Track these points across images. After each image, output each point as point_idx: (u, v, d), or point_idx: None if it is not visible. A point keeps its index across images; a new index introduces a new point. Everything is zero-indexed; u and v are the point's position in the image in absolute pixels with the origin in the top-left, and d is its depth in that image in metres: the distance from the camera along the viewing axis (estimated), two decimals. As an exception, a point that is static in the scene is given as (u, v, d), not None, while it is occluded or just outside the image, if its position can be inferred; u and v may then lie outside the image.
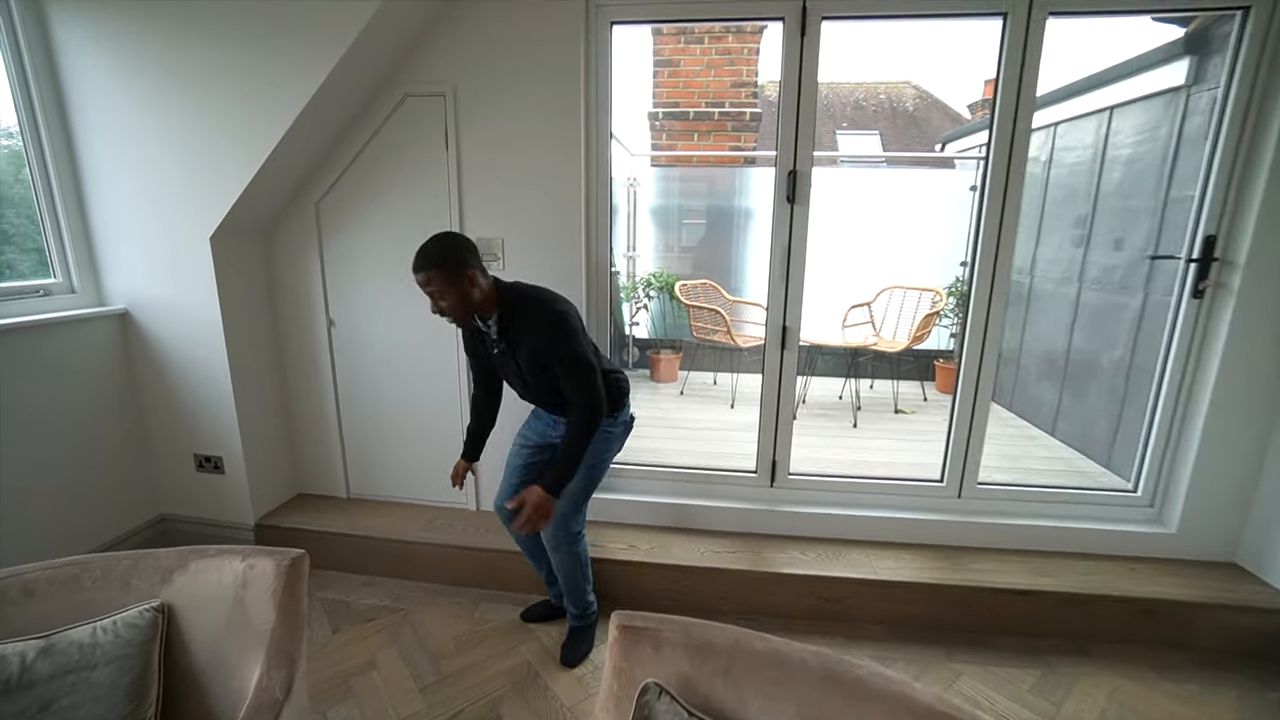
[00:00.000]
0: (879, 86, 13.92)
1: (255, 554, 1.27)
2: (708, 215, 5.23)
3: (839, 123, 12.78)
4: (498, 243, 2.26)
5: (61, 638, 1.12)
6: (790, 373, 2.33)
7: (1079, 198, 3.44)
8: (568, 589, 1.95)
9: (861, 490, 2.42)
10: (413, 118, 2.20)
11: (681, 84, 5.28)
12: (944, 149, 5.80)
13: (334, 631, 2.05)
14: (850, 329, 4.49)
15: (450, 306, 1.58)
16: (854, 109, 13.21)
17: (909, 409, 4.24)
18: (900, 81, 14.22)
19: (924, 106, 13.88)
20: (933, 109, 13.84)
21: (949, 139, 5.77)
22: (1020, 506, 2.36)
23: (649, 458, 3.23)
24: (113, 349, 2.22)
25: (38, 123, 2.03)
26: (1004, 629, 2.09)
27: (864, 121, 13.45)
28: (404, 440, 2.48)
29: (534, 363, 1.66)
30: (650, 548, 2.28)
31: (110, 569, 1.24)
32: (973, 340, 2.26)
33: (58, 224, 2.11)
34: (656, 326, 5.26)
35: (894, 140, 12.88)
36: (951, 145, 5.66)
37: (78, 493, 2.13)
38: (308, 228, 2.34)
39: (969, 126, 5.31)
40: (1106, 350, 3.18)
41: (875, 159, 8.57)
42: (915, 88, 14.22)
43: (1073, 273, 3.50)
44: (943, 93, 14.41)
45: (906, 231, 4.89)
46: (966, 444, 2.34)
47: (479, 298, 1.61)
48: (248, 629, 1.21)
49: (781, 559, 2.23)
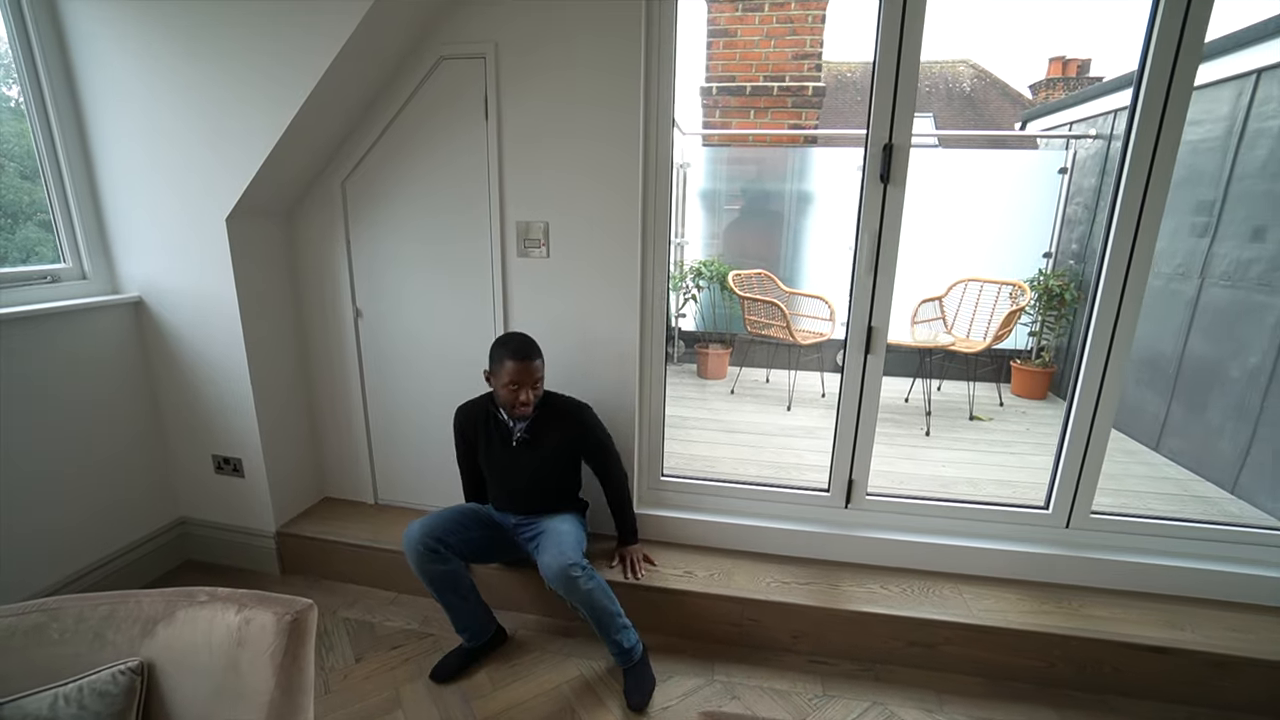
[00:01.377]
0: (934, 65, 13.18)
1: (252, 604, 1.05)
2: (763, 199, 4.86)
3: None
4: (540, 226, 2.00)
5: (14, 710, 0.91)
6: (875, 380, 2.01)
7: (1204, 180, 2.97)
8: (603, 625, 1.71)
9: (951, 515, 2.10)
10: (449, 84, 1.94)
11: (738, 56, 4.87)
12: (1024, 127, 5.28)
13: (357, 660, 1.84)
14: (920, 325, 4.10)
15: (538, 395, 1.78)
16: (907, 89, 12.56)
17: (985, 415, 3.85)
18: (957, 60, 13.44)
19: (982, 87, 13.10)
20: (991, 89, 13.04)
21: (1031, 116, 5.25)
22: (1144, 541, 2.00)
23: (700, 466, 2.97)
24: (126, 340, 2.04)
25: (44, 94, 1.84)
26: (1129, 691, 1.76)
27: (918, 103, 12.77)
28: (435, 444, 2.25)
29: (560, 454, 1.85)
30: (710, 575, 2.01)
31: (83, 618, 1.03)
32: (1096, 347, 1.90)
33: (66, 204, 1.92)
34: (705, 319, 4.94)
35: (948, 123, 12.18)
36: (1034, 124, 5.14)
37: (93, 495, 1.97)
38: (333, 210, 2.12)
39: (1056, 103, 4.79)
40: (1236, 357, 2.74)
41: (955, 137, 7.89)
42: (973, 66, 13.43)
43: (1192, 266, 3.05)
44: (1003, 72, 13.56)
45: (979, 219, 4.44)
46: (1081, 467, 1.99)
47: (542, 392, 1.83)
48: (241, 699, 0.99)
49: (860, 594, 1.93)
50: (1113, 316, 1.86)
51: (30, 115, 1.84)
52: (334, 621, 2.00)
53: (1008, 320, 3.47)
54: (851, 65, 12.48)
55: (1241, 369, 2.71)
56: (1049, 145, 4.64)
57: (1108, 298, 1.85)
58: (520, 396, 1.71)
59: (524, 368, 1.70)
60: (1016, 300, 3.62)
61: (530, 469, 1.84)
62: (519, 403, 1.72)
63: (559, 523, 1.82)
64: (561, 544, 1.70)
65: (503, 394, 1.73)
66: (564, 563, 1.63)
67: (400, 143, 2.02)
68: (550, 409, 1.86)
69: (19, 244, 1.94)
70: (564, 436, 1.85)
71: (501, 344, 1.75)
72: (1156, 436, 3.17)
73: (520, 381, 1.71)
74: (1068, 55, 11.17)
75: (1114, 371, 1.90)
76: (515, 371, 1.70)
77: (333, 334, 2.25)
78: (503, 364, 1.71)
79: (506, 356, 1.71)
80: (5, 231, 1.93)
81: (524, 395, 1.71)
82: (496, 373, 1.74)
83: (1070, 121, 4.46)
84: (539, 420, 1.83)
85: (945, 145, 6.00)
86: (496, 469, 1.87)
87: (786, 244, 4.85)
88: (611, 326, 2.04)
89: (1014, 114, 12.09)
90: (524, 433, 1.82)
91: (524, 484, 1.86)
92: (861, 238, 1.92)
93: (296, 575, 2.23)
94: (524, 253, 2.04)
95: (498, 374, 1.73)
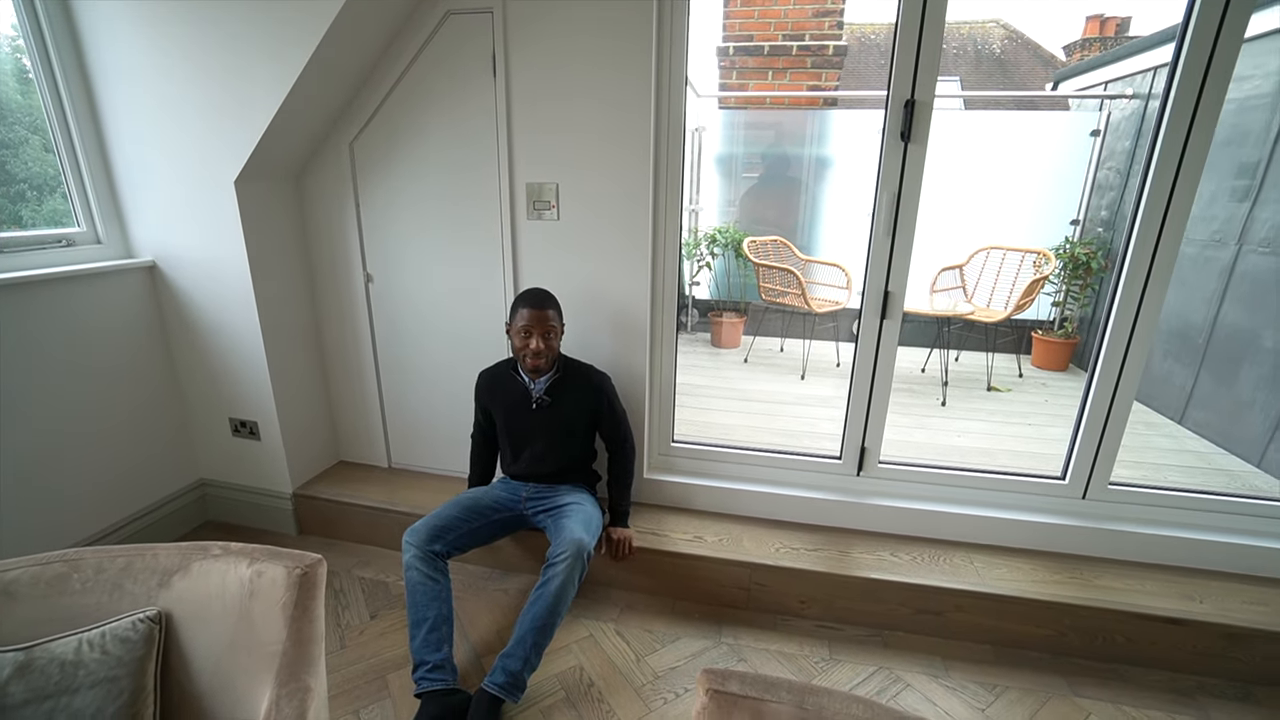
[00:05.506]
0: (962, 26, 12.64)
1: (264, 558, 1.07)
2: (780, 164, 4.73)
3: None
4: (551, 188, 1.96)
5: (43, 652, 0.94)
6: (890, 346, 1.97)
7: (1250, 140, 2.81)
8: (542, 626, 1.54)
9: (964, 484, 2.07)
10: (456, 40, 1.89)
11: (756, 14, 4.69)
12: (1056, 88, 5.05)
13: (372, 617, 1.89)
14: (939, 294, 4.01)
15: (550, 347, 1.78)
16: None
17: (1003, 386, 3.78)
18: (988, 21, 12.86)
19: (1013, 48, 12.55)
20: (1022, 51, 12.49)
21: (1063, 76, 5.01)
22: (1162, 513, 1.97)
23: (715, 433, 2.96)
24: (142, 304, 2.06)
25: (50, 58, 1.82)
26: (1142, 661, 1.75)
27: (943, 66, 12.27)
28: (448, 408, 2.27)
29: (579, 418, 1.88)
30: (718, 539, 2.02)
31: (103, 568, 1.06)
32: (1121, 316, 1.84)
33: (78, 167, 1.93)
34: (720, 286, 4.88)
35: (975, 86, 11.72)
36: (1066, 85, 4.91)
37: (116, 455, 2.02)
38: (341, 172, 2.10)
39: (1091, 61, 4.56)
40: (1272, 327, 2.64)
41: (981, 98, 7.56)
42: (1004, 27, 12.84)
43: (1229, 233, 2.92)
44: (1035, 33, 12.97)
45: (1005, 184, 4.29)
46: (1100, 438, 1.95)
47: (559, 349, 1.85)
48: (255, 649, 1.01)
49: (870, 561, 1.93)
50: (1140, 285, 1.79)
51: (39, 84, 1.83)
52: (349, 581, 2.05)
53: (1030, 290, 3.38)
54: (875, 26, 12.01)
55: (1277, 339, 2.61)
56: (1081, 106, 4.44)
57: (1136, 265, 1.78)
58: (531, 344, 1.75)
59: (537, 315, 1.75)
60: (1040, 269, 3.52)
61: (549, 431, 1.87)
62: (529, 350, 1.75)
63: (584, 503, 1.84)
64: (589, 523, 1.75)
65: (516, 341, 1.79)
66: (584, 540, 1.65)
67: (408, 103, 1.99)
68: (571, 374, 1.89)
69: (46, 215, 1.97)
70: (583, 402, 1.87)
71: (520, 295, 1.83)
72: (1182, 409, 3.09)
73: (532, 328, 1.75)
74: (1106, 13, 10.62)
75: (1139, 342, 1.84)
76: (528, 317, 1.75)
77: (344, 298, 2.25)
78: (518, 311, 1.78)
79: (522, 304, 1.78)
80: (33, 203, 1.96)
81: (534, 343, 1.75)
82: (513, 321, 1.79)
83: (1105, 81, 4.26)
84: (559, 383, 1.86)
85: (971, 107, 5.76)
86: (516, 432, 1.89)
87: (805, 210, 4.74)
88: (623, 291, 2.01)
89: (1045, 77, 11.60)
90: (544, 394, 1.84)
91: (542, 447, 1.88)
92: (880, 198, 1.86)
93: (313, 536, 2.28)
94: (535, 215, 2.01)
95: (514, 322, 1.79)
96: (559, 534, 1.68)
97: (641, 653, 1.77)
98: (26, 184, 1.94)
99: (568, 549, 1.61)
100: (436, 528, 1.71)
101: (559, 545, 1.64)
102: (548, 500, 1.87)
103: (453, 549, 1.72)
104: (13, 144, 1.91)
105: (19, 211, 1.93)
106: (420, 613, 1.57)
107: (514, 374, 1.88)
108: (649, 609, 1.96)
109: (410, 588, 1.61)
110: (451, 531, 1.73)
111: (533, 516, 1.87)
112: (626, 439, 1.96)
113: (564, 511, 1.79)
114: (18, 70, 1.88)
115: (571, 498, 1.85)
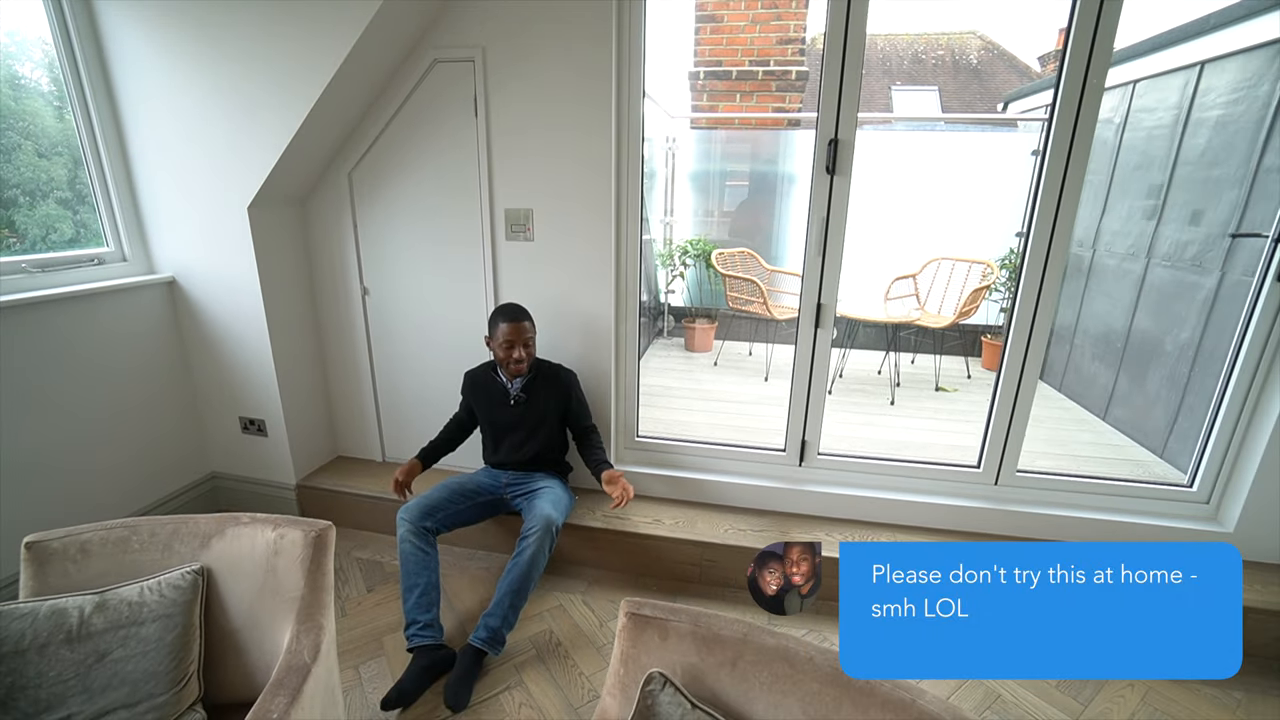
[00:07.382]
0: (941, 37, 13.02)
1: (285, 524, 1.33)
2: (748, 180, 5.05)
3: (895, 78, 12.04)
4: (526, 213, 2.24)
5: (114, 594, 1.20)
6: (824, 352, 2.26)
7: (1155, 165, 3.15)
8: (517, 589, 1.80)
9: (893, 473, 2.36)
10: (442, 84, 2.17)
11: (725, 41, 5.03)
12: (1006, 109, 5.40)
13: (368, 590, 2.15)
14: (893, 302, 4.33)
15: (530, 354, 2.04)
16: (911, 63, 12.39)
17: (951, 387, 4.09)
18: (965, 31, 13.25)
19: (989, 59, 12.93)
20: (998, 62, 12.88)
21: (1012, 98, 5.37)
22: (1062, 497, 2.26)
23: (678, 430, 3.24)
24: (162, 316, 2.32)
25: (85, 94, 2.08)
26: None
27: (922, 76, 12.60)
28: (435, 407, 2.53)
29: (550, 411, 2.13)
30: (675, 522, 2.29)
31: (155, 533, 1.32)
32: (1022, 315, 2.13)
33: (108, 195, 2.18)
34: (692, 295, 5.18)
35: (953, 96, 12.08)
36: (1015, 105, 5.27)
37: (138, 451, 2.27)
38: (341, 198, 2.36)
39: (1035, 84, 4.92)
40: (1172, 332, 2.97)
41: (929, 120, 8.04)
42: (981, 38, 13.24)
43: (1141, 247, 3.25)
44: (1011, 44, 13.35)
45: (959, 199, 4.62)
46: (1008, 427, 2.24)
47: (534, 354, 2.11)
48: (279, 595, 1.28)
49: (807, 540, 2.21)
50: (1036, 291, 2.08)
51: (76, 123, 2.09)
52: (349, 560, 2.31)
53: (973, 298, 3.69)
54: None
55: (1175, 343, 2.94)
56: (1026, 127, 4.79)
57: (1030, 276, 2.08)
58: (514, 354, 2.00)
59: (516, 328, 2.00)
60: (985, 278, 3.84)
61: (527, 425, 2.13)
62: (513, 359, 2.01)
63: (554, 487, 2.10)
64: (557, 503, 2.00)
65: (499, 352, 2.03)
66: (553, 516, 1.91)
67: (400, 138, 2.26)
68: (543, 373, 2.15)
69: (39, 220, 2.09)
70: (555, 396, 2.14)
71: (497, 311, 2.07)
72: (1105, 407, 3.41)
73: (513, 340, 2.00)
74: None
75: (1037, 341, 2.13)
76: (508, 331, 2.00)
77: (343, 310, 2.51)
78: (498, 326, 2.02)
79: (501, 320, 2.02)
80: (25, 209, 2.06)
81: (517, 353, 2.00)
82: (494, 335, 2.04)
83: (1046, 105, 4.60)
84: (533, 382, 2.12)
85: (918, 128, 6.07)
86: (499, 426, 2.16)
87: (773, 223, 5.05)
88: (590, 302, 2.29)
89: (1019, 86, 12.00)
90: (520, 392, 2.10)
91: (519, 438, 2.14)
92: (811, 223, 2.15)
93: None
94: (513, 236, 2.28)
95: (494, 336, 2.03)
96: (531, 512, 1.95)
97: (604, 619, 2.04)
98: (19, 189, 2.02)
99: (538, 524, 1.88)
100: (427, 507, 1.97)
101: (531, 521, 1.91)
102: (524, 485, 2.13)
103: (441, 526, 1.98)
104: (5, 150, 1.97)
105: (11, 217, 2.00)
106: (412, 579, 1.83)
107: (494, 375, 2.14)
108: (613, 583, 2.22)
109: (403, 558, 1.87)
110: (440, 511, 1.99)
111: (511, 500, 2.13)
112: (593, 427, 2.23)
113: (538, 494, 2.06)
114: (10, 77, 1.97)
115: (545, 482, 2.12)
